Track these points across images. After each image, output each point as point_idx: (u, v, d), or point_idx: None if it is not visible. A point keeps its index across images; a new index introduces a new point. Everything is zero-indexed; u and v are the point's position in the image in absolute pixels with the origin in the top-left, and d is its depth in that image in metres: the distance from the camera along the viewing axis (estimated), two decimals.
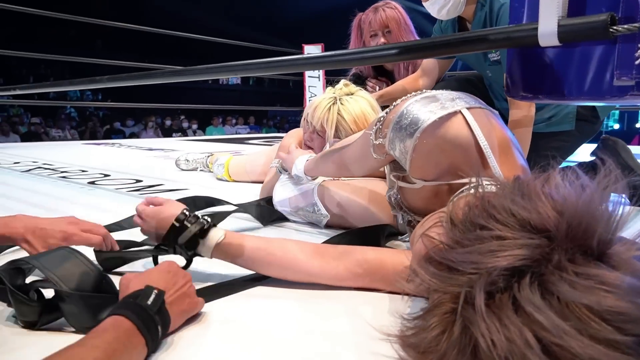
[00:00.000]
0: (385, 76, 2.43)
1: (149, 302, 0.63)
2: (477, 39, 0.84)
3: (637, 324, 0.42)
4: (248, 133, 11.20)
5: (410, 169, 0.86)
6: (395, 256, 0.88)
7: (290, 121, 13.53)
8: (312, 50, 4.97)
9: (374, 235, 1.17)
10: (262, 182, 1.80)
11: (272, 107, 9.10)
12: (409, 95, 0.90)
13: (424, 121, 0.82)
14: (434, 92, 0.89)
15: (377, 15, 2.31)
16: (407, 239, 1.25)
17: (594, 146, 1.76)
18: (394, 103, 0.91)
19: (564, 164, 1.73)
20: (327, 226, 1.39)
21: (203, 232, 0.89)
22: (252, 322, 0.77)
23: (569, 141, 1.66)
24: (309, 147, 1.64)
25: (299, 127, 1.78)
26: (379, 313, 0.79)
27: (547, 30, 0.76)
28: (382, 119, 0.92)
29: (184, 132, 10.50)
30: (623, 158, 1.67)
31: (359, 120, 1.53)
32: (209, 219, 0.91)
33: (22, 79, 12.72)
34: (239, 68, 1.35)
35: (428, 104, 0.84)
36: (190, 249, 0.89)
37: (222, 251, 0.89)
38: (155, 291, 0.65)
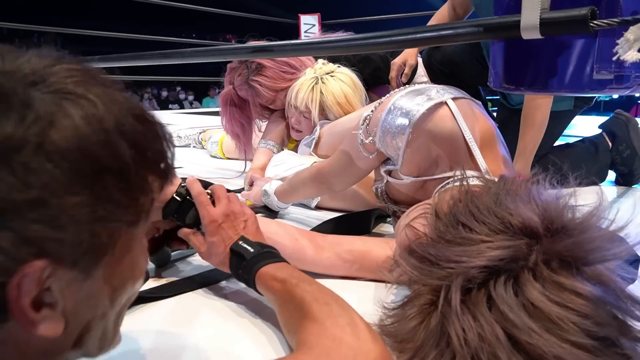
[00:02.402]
0: None
1: (252, 250, 0.73)
2: (460, 31, 0.84)
3: (603, 327, 0.45)
4: None
5: (402, 166, 0.88)
6: (383, 245, 0.90)
7: None
8: (308, 20, 4.92)
9: (363, 220, 1.20)
10: None
11: None
12: (393, 92, 0.91)
13: (413, 115, 0.83)
14: (418, 86, 0.90)
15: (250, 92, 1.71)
16: (393, 223, 1.28)
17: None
18: (378, 101, 0.91)
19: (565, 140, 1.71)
20: (317, 207, 1.41)
21: None
22: (237, 309, 0.79)
23: (566, 121, 1.64)
24: (298, 131, 1.65)
25: None
26: (363, 301, 0.80)
27: (529, 23, 0.76)
28: (368, 117, 0.92)
29: (180, 104, 10.43)
30: (630, 136, 1.65)
31: (341, 100, 1.54)
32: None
33: (4, 40, 12.51)
34: (227, 52, 1.35)
35: (414, 97, 0.85)
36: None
37: None
38: (242, 244, 0.75)
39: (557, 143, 1.73)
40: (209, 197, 0.80)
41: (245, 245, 0.74)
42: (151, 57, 1.42)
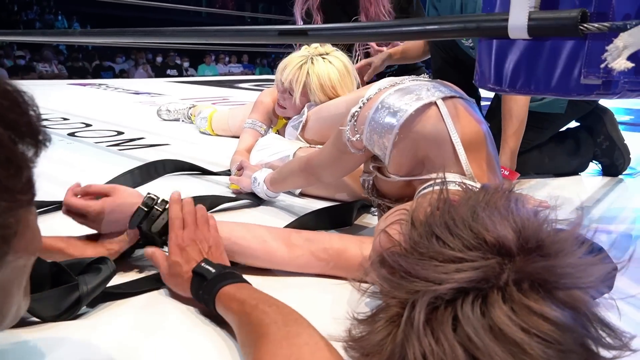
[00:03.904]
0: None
1: (214, 271, 0.73)
2: (446, 27, 0.80)
3: (568, 354, 0.43)
4: (241, 72, 10.98)
5: (390, 165, 0.86)
6: (359, 245, 0.88)
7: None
8: None
9: (344, 213, 1.18)
10: None
11: (265, 49, 8.81)
12: (381, 88, 0.87)
13: (401, 116, 0.80)
14: (407, 83, 0.86)
15: None
16: (379, 215, 1.26)
17: None
18: (367, 96, 0.87)
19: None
20: (302, 194, 1.40)
21: None
22: (206, 311, 0.78)
23: (559, 124, 1.64)
24: (282, 107, 1.61)
25: None
26: (337, 303, 0.80)
27: (518, 23, 0.72)
28: (356, 114, 0.88)
29: (178, 69, 10.26)
30: (607, 128, 1.66)
31: (325, 85, 1.49)
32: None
33: (4, 7, 12.31)
34: (209, 33, 1.30)
35: (403, 96, 0.82)
36: (164, 235, 0.85)
37: None
38: (205, 265, 0.75)
39: None
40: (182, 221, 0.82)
41: (207, 267, 0.74)
42: (133, 34, 1.37)
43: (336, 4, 2.12)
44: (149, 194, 0.87)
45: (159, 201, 0.86)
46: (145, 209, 0.85)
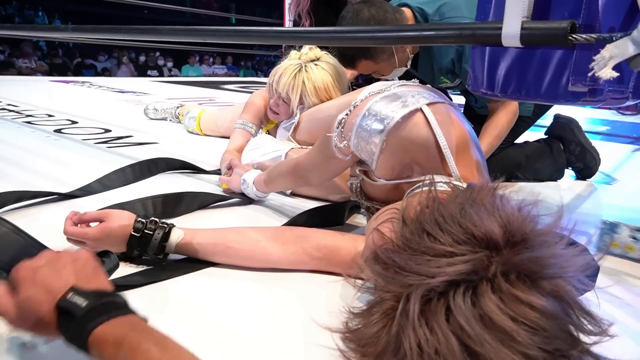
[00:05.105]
0: None
1: (84, 305, 0.54)
2: (442, 33, 0.83)
3: (554, 340, 0.47)
4: (225, 74, 10.94)
5: (377, 169, 0.88)
6: (351, 242, 0.91)
7: (268, 62, 13.18)
8: None
9: (336, 213, 1.20)
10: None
11: (251, 51, 8.78)
12: (368, 95, 0.89)
13: (388, 123, 0.83)
14: (394, 90, 0.89)
15: None
16: (367, 218, 1.29)
17: None
18: (353, 104, 0.90)
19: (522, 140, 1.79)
20: (293, 194, 1.42)
21: (166, 236, 0.88)
22: (206, 306, 0.79)
23: (530, 123, 1.72)
24: (275, 113, 1.63)
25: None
26: (332, 299, 0.82)
27: (511, 31, 0.76)
28: (342, 121, 0.90)
29: (159, 70, 10.17)
30: (577, 136, 1.76)
31: (320, 92, 1.54)
32: (167, 223, 0.90)
33: None
34: (207, 32, 1.31)
35: (390, 103, 0.84)
36: (159, 254, 0.88)
37: (182, 250, 0.90)
38: (72, 296, 0.55)
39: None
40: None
41: (75, 298, 0.54)
42: (128, 31, 1.38)
43: (324, 8, 2.16)
44: (137, 218, 0.88)
45: (148, 223, 0.88)
46: (137, 235, 0.87)
